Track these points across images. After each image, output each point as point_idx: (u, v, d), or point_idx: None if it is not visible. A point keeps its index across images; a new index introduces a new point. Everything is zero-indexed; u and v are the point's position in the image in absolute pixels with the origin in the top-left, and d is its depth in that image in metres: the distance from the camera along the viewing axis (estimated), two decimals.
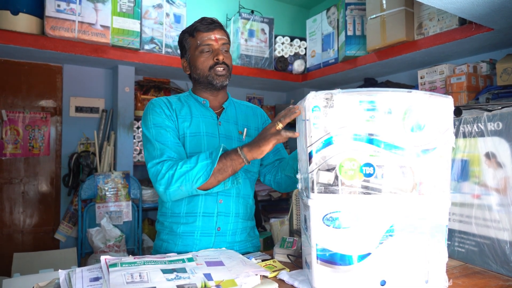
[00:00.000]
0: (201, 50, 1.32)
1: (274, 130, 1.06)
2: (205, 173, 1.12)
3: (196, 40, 1.33)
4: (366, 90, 0.84)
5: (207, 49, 1.32)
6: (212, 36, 1.32)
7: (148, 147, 1.26)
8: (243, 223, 1.36)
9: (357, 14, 2.87)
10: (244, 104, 1.50)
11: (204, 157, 1.14)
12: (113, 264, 0.89)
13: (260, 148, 1.08)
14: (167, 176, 1.15)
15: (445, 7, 1.71)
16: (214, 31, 1.32)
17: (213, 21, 1.34)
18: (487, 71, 2.30)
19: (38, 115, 2.92)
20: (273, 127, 1.06)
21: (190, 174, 1.13)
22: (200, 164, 1.13)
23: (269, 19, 3.44)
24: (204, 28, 1.32)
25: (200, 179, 1.12)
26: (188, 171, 1.13)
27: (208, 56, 1.32)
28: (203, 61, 1.33)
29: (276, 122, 1.06)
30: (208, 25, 1.32)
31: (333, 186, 0.83)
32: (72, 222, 2.89)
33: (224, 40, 1.34)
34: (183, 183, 1.14)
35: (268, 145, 1.07)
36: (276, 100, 4.22)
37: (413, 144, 0.84)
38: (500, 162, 1.02)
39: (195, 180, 1.13)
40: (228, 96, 1.45)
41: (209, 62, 1.32)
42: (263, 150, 1.08)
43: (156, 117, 1.28)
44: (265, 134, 1.08)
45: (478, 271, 1.05)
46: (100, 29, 2.62)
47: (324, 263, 0.84)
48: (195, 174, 1.12)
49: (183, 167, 1.14)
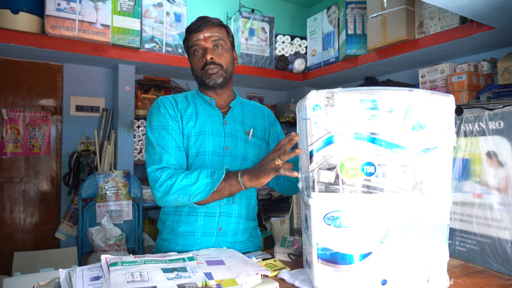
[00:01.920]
0: (193, 51, 1.33)
1: (274, 165, 1.08)
2: (203, 191, 1.15)
3: (189, 41, 1.34)
4: (367, 89, 0.84)
5: (198, 50, 1.32)
6: (200, 36, 1.30)
7: (149, 149, 1.28)
8: (245, 224, 1.35)
9: (357, 13, 2.86)
10: (252, 104, 1.49)
11: (205, 176, 1.16)
12: (113, 263, 0.89)
13: (259, 180, 1.12)
14: (166, 185, 1.18)
15: (446, 6, 1.70)
16: (203, 30, 1.30)
17: (204, 20, 1.32)
18: (488, 70, 2.29)
19: (39, 114, 2.92)
20: (273, 160, 1.08)
21: (189, 190, 1.15)
22: (201, 182, 1.15)
23: (269, 18, 3.43)
24: (194, 28, 1.31)
25: (198, 196, 1.15)
26: (188, 186, 1.16)
27: (200, 56, 1.32)
28: (195, 62, 1.33)
29: (276, 158, 1.07)
30: (198, 25, 1.31)
31: (334, 185, 0.83)
32: (73, 221, 2.89)
33: (215, 37, 1.31)
34: (180, 195, 1.17)
35: (267, 179, 1.11)
36: (277, 99, 4.22)
37: (414, 143, 0.84)
38: (501, 161, 1.02)
39: (193, 196, 1.16)
40: (236, 95, 1.45)
41: (200, 63, 1.32)
42: (262, 182, 1.12)
43: (161, 118, 1.29)
44: (265, 167, 1.10)
45: (479, 270, 1.05)
46: (100, 28, 2.62)
47: (325, 262, 0.84)
48: (194, 191, 1.15)
49: (183, 181, 1.16)
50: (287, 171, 1.05)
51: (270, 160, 1.09)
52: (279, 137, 1.48)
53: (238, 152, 1.33)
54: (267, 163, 1.09)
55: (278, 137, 1.48)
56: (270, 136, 1.46)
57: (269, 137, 1.46)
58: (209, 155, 1.28)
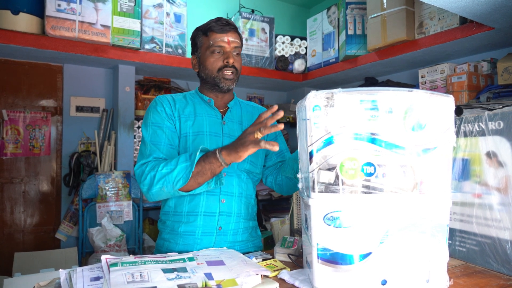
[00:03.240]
0: (212, 51, 1.32)
1: (253, 138, 1.04)
2: (184, 175, 1.12)
3: (209, 39, 1.33)
4: (367, 89, 0.84)
5: (218, 50, 1.32)
6: (225, 38, 1.31)
7: (141, 146, 1.29)
8: (245, 223, 1.36)
9: (357, 13, 2.86)
10: (250, 105, 1.50)
11: (184, 159, 1.14)
12: (113, 263, 0.89)
13: (238, 154, 1.06)
14: (149, 177, 1.17)
15: (446, 6, 1.70)
16: (228, 33, 1.31)
17: (228, 23, 1.33)
18: (488, 70, 2.29)
19: (39, 115, 2.92)
20: (253, 133, 1.04)
21: (170, 176, 1.14)
22: (180, 166, 1.13)
23: (269, 19, 3.43)
24: (219, 29, 1.31)
25: (180, 181, 1.13)
26: (169, 173, 1.14)
27: (218, 57, 1.32)
28: (212, 61, 1.32)
29: (256, 131, 1.03)
30: (223, 27, 1.31)
31: (334, 186, 0.83)
32: (73, 222, 2.89)
33: (236, 44, 1.33)
34: (164, 184, 1.15)
35: (246, 152, 1.05)
36: (277, 100, 4.22)
37: (414, 143, 0.84)
38: (501, 161, 1.02)
39: (175, 182, 1.13)
40: (234, 96, 1.45)
41: (219, 64, 1.32)
42: (241, 156, 1.06)
43: (156, 116, 1.30)
44: (244, 139, 1.05)
45: (479, 271, 1.05)
46: (100, 28, 2.62)
47: (325, 263, 0.84)
48: (175, 176, 1.13)
49: (164, 169, 1.15)
50: (268, 144, 1.00)
51: (249, 132, 1.05)
52: (277, 137, 1.49)
53: None
54: (246, 136, 1.05)
55: (276, 137, 1.48)
56: (268, 135, 1.46)
57: (267, 136, 1.46)
58: None
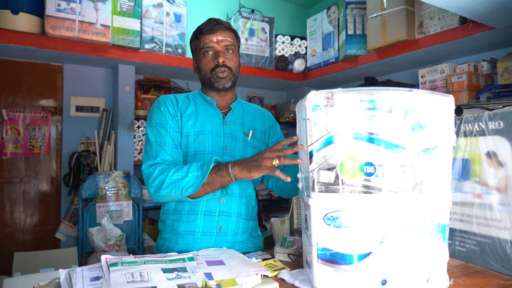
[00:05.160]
0: (204, 52, 1.33)
1: (269, 164, 1.06)
2: (194, 184, 1.15)
3: (200, 42, 1.34)
4: (366, 89, 0.84)
5: (209, 51, 1.32)
6: (213, 38, 1.31)
7: (147, 146, 1.30)
8: (245, 223, 1.36)
9: (357, 13, 2.86)
10: (253, 107, 1.50)
11: (195, 168, 1.16)
12: (113, 263, 0.89)
13: (250, 174, 1.10)
14: (158, 181, 1.18)
15: (446, 6, 1.70)
16: (216, 32, 1.31)
17: (217, 23, 1.33)
18: (488, 70, 2.29)
19: (39, 115, 2.92)
20: (271, 159, 1.06)
21: (180, 183, 1.15)
22: (191, 175, 1.15)
23: (269, 18, 3.43)
24: (207, 30, 1.32)
25: (189, 189, 1.15)
26: (179, 180, 1.16)
27: (210, 58, 1.33)
28: (205, 63, 1.33)
29: (275, 158, 1.05)
30: (211, 27, 1.31)
31: (334, 185, 0.83)
32: (73, 222, 2.89)
33: (227, 42, 1.33)
34: (173, 190, 1.17)
35: (259, 174, 1.09)
36: (277, 100, 4.22)
37: (414, 143, 0.84)
38: (501, 161, 1.02)
39: (185, 189, 1.15)
40: (237, 97, 1.46)
41: (211, 65, 1.32)
42: (253, 176, 1.10)
43: (160, 116, 1.30)
44: (260, 163, 1.07)
45: (479, 270, 1.05)
46: (100, 28, 2.62)
47: (325, 263, 0.84)
48: (185, 184, 1.15)
49: (174, 175, 1.16)
50: (282, 174, 1.03)
51: (267, 158, 1.07)
52: (278, 139, 1.49)
53: (237, 152, 1.34)
54: (263, 160, 1.07)
55: (278, 139, 1.49)
56: (270, 138, 1.47)
57: (269, 139, 1.47)
58: (208, 155, 1.29)
